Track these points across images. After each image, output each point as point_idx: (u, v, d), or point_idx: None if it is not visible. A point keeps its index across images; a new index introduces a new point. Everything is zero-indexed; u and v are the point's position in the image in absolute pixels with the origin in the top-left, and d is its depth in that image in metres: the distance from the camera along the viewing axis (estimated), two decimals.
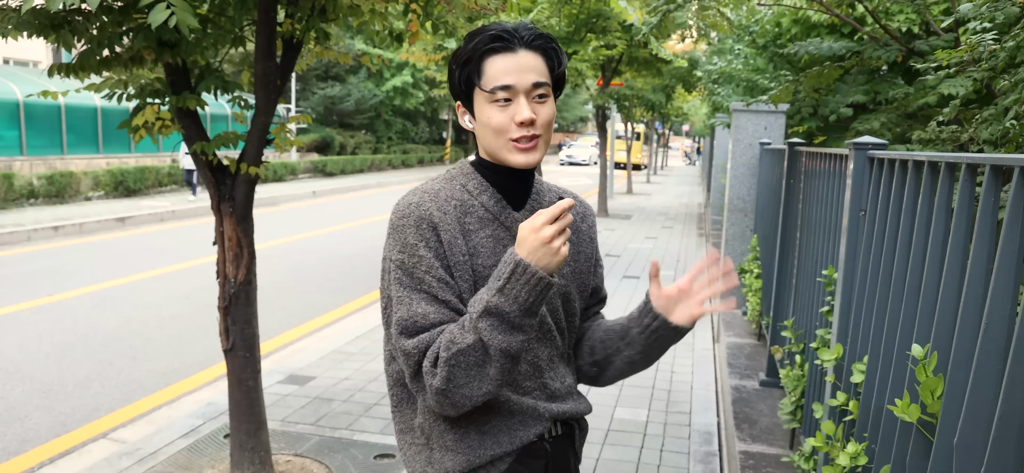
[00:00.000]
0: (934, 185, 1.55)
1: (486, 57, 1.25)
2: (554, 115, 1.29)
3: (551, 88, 1.28)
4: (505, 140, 1.26)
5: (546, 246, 1.15)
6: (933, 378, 1.40)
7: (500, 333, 1.16)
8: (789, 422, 3.11)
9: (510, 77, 1.23)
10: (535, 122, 1.25)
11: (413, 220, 1.26)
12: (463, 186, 1.33)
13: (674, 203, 18.71)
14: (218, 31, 2.88)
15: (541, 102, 1.26)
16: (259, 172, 3.05)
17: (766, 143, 5.60)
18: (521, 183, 1.34)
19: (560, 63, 1.30)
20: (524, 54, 1.25)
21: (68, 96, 3.43)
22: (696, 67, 14.08)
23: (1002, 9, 2.96)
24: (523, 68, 1.24)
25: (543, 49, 1.27)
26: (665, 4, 4.46)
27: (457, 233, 1.27)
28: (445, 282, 1.24)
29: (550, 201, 1.39)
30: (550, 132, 1.30)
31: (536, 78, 1.24)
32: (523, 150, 1.26)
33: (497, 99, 1.23)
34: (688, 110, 27.75)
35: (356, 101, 27.83)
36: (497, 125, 1.25)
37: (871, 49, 4.52)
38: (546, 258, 1.15)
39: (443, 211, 1.28)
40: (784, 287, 4.13)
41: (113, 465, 3.52)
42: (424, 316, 1.22)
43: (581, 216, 1.47)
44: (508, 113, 1.24)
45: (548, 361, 1.38)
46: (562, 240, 1.16)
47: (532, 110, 1.24)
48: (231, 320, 3.11)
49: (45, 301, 6.79)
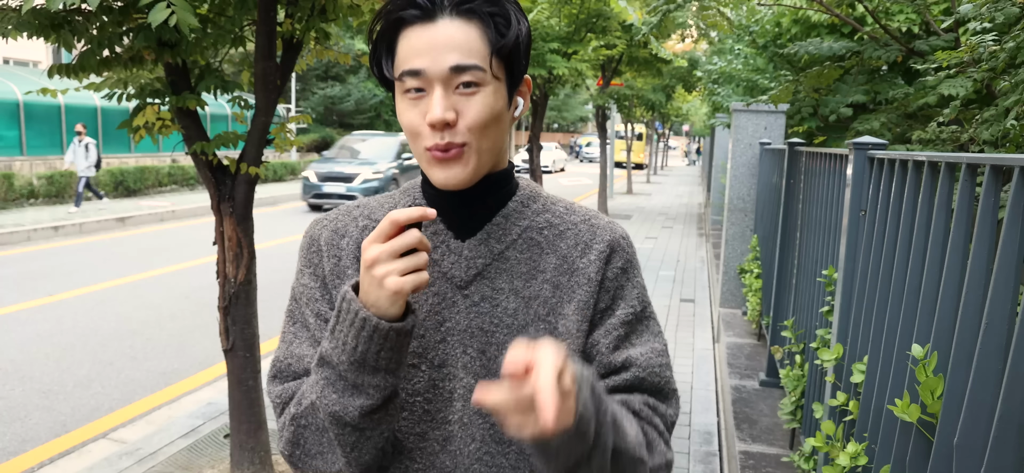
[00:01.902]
0: (934, 185, 1.56)
1: (399, 31, 0.89)
2: (497, 110, 0.90)
3: (489, 71, 0.88)
4: (421, 148, 0.90)
5: (368, 275, 0.82)
6: (933, 378, 1.40)
7: (332, 391, 0.86)
8: (789, 422, 3.11)
9: (420, 59, 0.87)
10: (454, 123, 0.87)
11: (305, 241, 1.02)
12: (395, 204, 1.02)
13: (674, 203, 18.71)
14: (218, 31, 2.88)
15: (468, 92, 0.87)
16: (259, 172, 3.05)
17: (766, 143, 5.60)
18: (470, 205, 0.97)
19: (507, 28, 0.89)
20: (445, 24, 0.87)
21: (68, 96, 3.44)
22: (696, 67, 14.10)
23: (1002, 9, 2.96)
24: (439, 45, 0.86)
25: (477, 13, 0.88)
26: (665, 4, 4.46)
27: (349, 261, 0.98)
28: (324, 320, 0.96)
29: (523, 230, 0.99)
30: (493, 135, 0.91)
31: (458, 59, 0.86)
32: (439, 162, 0.89)
33: (408, 89, 0.88)
34: (688, 110, 27.77)
35: (356, 101, 27.85)
36: (408, 126, 0.90)
37: (871, 49, 4.52)
38: (371, 290, 0.82)
39: (342, 233, 1.00)
40: (784, 287, 4.13)
41: (113, 465, 3.52)
42: (299, 359, 0.96)
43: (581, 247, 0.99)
44: (420, 109, 0.88)
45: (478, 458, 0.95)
46: (392, 268, 0.81)
47: (449, 105, 0.87)
48: (231, 320, 3.11)
49: (45, 301, 6.79)
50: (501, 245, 0.97)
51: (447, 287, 0.96)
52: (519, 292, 0.96)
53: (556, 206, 1.03)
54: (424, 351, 0.95)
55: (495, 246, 0.97)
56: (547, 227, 1.00)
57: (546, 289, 0.97)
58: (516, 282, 0.96)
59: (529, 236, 0.99)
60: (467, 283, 0.96)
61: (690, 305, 7.32)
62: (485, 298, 0.96)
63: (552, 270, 0.98)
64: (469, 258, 0.96)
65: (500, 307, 0.95)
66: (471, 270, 0.96)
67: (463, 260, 0.96)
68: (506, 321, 0.95)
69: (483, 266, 0.96)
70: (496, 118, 0.90)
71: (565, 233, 1.00)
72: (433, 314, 0.96)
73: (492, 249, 0.97)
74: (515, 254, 0.97)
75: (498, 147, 0.94)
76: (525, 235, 0.98)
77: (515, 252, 0.98)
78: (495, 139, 0.92)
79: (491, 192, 0.97)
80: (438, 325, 0.95)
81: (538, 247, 0.98)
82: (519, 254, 0.98)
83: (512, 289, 0.96)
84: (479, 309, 0.95)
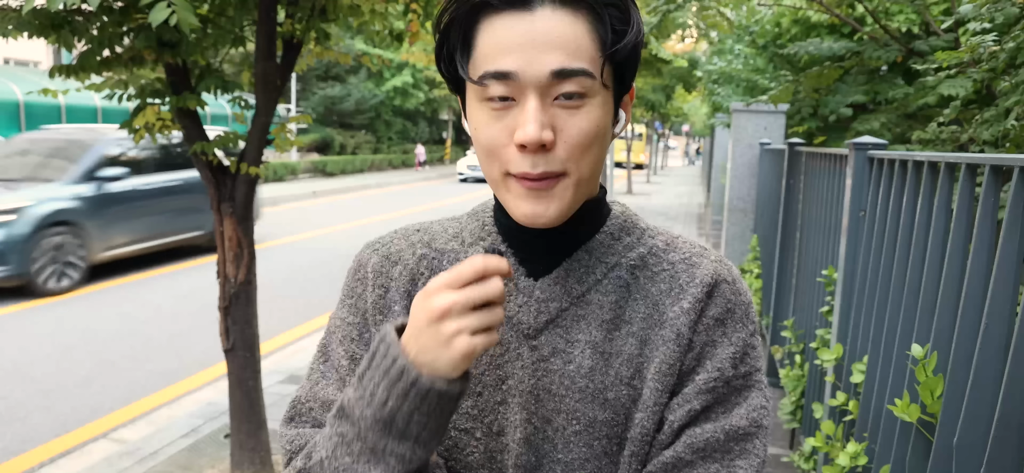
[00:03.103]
0: (934, 185, 1.56)
1: (480, 18, 0.71)
2: (603, 129, 0.72)
3: (599, 79, 0.70)
4: (499, 172, 0.73)
5: (434, 327, 0.66)
6: (933, 378, 1.40)
7: (346, 453, 0.69)
8: (789, 422, 3.11)
9: (511, 58, 0.68)
10: (552, 146, 0.70)
11: (353, 266, 0.86)
12: (459, 231, 0.85)
13: (674, 203, 18.72)
14: (218, 31, 2.88)
15: (571, 105, 0.70)
16: (259, 172, 3.06)
17: (766, 143, 5.61)
18: (549, 236, 0.78)
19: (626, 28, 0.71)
20: (546, 15, 0.69)
21: (68, 96, 3.44)
22: (696, 67, 14.11)
23: (1002, 10, 2.96)
24: (537, 42, 0.68)
25: (586, 3, 0.70)
26: (665, 4, 4.46)
27: (398, 295, 0.82)
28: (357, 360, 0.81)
29: (610, 268, 0.80)
30: (595, 159, 0.73)
31: (562, 62, 0.68)
32: (528, 194, 0.72)
33: (490, 97, 0.70)
34: (688, 110, 27.79)
35: (356, 101, 27.85)
36: (487, 144, 0.72)
37: (871, 49, 4.52)
38: (432, 347, 0.66)
39: (395, 260, 0.84)
40: (784, 287, 4.13)
41: (113, 465, 3.52)
42: (322, 404, 0.81)
43: (675, 291, 0.78)
44: (506, 123, 0.71)
45: None
46: (465, 324, 0.65)
47: (547, 122, 0.69)
48: (231, 320, 3.11)
49: (45, 301, 6.80)
50: (582, 287, 0.79)
51: (512, 336, 0.78)
52: (598, 347, 0.77)
53: (654, 240, 0.82)
54: (480, 414, 0.78)
55: (574, 288, 0.79)
56: (640, 266, 0.80)
57: (632, 344, 0.77)
58: (595, 334, 0.78)
59: (617, 276, 0.79)
60: (537, 332, 0.78)
61: None
62: (557, 352, 0.78)
63: (640, 321, 0.78)
64: (541, 300, 0.78)
65: (574, 364, 0.77)
66: (542, 316, 0.78)
67: (534, 303, 0.78)
68: (579, 383, 0.77)
69: (557, 311, 0.78)
70: (601, 138, 0.73)
71: (660, 274, 0.80)
72: (494, 369, 0.78)
73: (570, 291, 0.79)
74: (598, 298, 0.79)
75: (598, 173, 0.76)
76: (612, 275, 0.79)
77: (598, 295, 0.79)
78: (596, 164, 0.74)
79: (576, 223, 0.78)
80: (499, 382, 0.78)
81: (626, 290, 0.79)
82: (603, 298, 0.79)
83: (590, 341, 0.77)
84: (549, 366, 0.77)
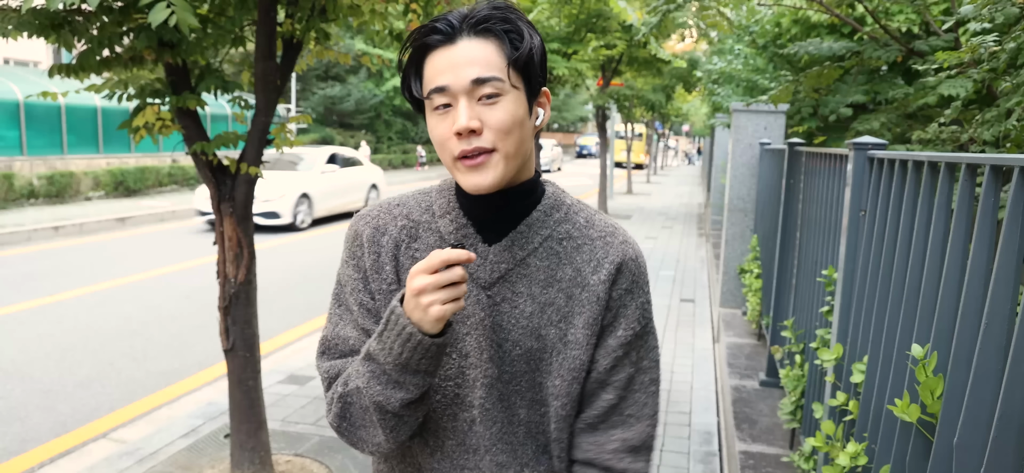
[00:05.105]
0: (934, 185, 1.56)
1: (425, 55, 1.01)
2: (518, 117, 1.00)
3: (507, 81, 0.98)
4: (450, 157, 1.01)
5: (415, 300, 0.93)
6: (933, 378, 1.40)
7: (377, 384, 0.99)
8: (789, 422, 3.11)
9: (444, 76, 0.97)
10: (479, 130, 0.97)
11: (350, 234, 1.13)
12: (430, 204, 1.12)
13: (674, 203, 18.71)
14: (218, 31, 2.88)
15: (490, 103, 0.98)
16: (259, 172, 3.05)
17: (766, 143, 5.61)
18: (497, 209, 1.07)
19: (521, 42, 1.00)
20: (465, 44, 0.98)
21: (68, 96, 3.44)
22: (696, 67, 14.09)
23: (1002, 10, 2.96)
24: (460, 62, 0.97)
25: (492, 32, 0.99)
26: (665, 4, 4.46)
27: (387, 258, 1.09)
28: (366, 309, 1.09)
29: (543, 239, 1.08)
30: (516, 140, 1.00)
31: (478, 73, 0.97)
32: (468, 168, 0.99)
33: (436, 106, 0.99)
34: (688, 110, 27.76)
35: (356, 101, 27.86)
36: (438, 139, 1.01)
37: (871, 49, 4.52)
38: (416, 313, 0.94)
39: (382, 231, 1.11)
40: (784, 287, 4.13)
41: (113, 465, 3.52)
42: (344, 340, 1.10)
43: (594, 264, 1.08)
44: (448, 122, 0.99)
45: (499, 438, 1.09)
46: (436, 297, 0.92)
47: (474, 115, 0.97)
48: (231, 320, 3.11)
49: (45, 301, 6.79)
50: (523, 252, 1.07)
51: (474, 287, 1.06)
52: (536, 297, 1.07)
53: (578, 217, 1.11)
54: (454, 341, 1.07)
55: (518, 253, 1.07)
56: (566, 238, 1.09)
57: (560, 298, 1.07)
58: (534, 288, 1.07)
59: (549, 246, 1.08)
60: (491, 285, 1.06)
61: (690, 305, 7.32)
62: (505, 299, 1.06)
63: (567, 281, 1.07)
64: (494, 262, 1.07)
65: (518, 309, 1.06)
66: (495, 273, 1.06)
67: (488, 264, 1.07)
68: (522, 322, 1.07)
69: (505, 270, 1.06)
70: (518, 123, 1.00)
71: (582, 247, 1.09)
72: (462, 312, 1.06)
73: (515, 255, 1.07)
74: (535, 262, 1.07)
75: (523, 153, 1.02)
76: (545, 245, 1.08)
77: (535, 259, 1.07)
78: (519, 144, 1.01)
79: (516, 200, 1.07)
80: (464, 319, 1.06)
81: (557, 257, 1.08)
82: (539, 262, 1.07)
83: (529, 294, 1.07)
84: (500, 309, 1.06)
